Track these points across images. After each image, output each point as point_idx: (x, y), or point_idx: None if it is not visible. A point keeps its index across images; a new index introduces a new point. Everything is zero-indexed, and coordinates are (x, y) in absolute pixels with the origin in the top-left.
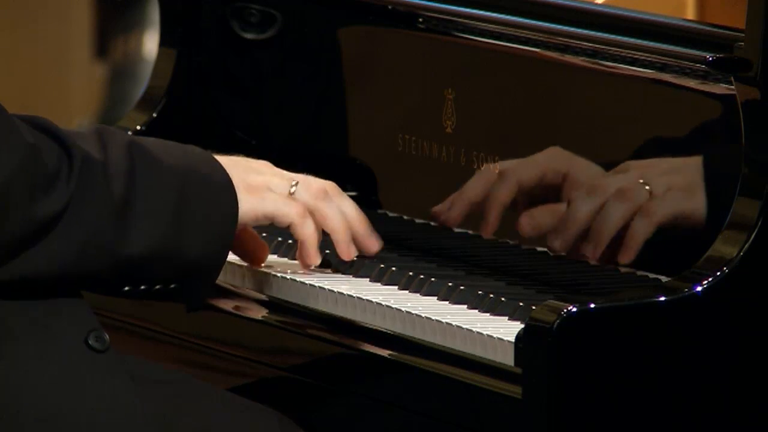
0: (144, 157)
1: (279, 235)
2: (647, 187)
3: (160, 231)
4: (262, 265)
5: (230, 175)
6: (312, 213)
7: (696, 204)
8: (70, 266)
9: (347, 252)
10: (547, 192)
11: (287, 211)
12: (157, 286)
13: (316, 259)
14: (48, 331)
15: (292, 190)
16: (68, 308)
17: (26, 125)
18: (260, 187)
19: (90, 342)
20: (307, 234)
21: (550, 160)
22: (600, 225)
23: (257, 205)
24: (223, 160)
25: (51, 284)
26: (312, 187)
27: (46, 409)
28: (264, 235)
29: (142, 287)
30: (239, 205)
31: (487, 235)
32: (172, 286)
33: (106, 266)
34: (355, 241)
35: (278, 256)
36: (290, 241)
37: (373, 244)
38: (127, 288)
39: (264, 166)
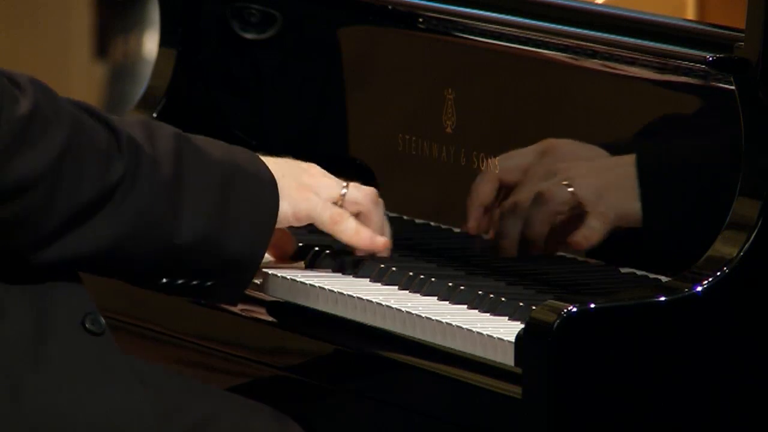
0: (190, 146)
1: None
2: (647, 187)
3: (205, 218)
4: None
5: (282, 174)
6: (361, 213)
7: (696, 204)
8: (121, 244)
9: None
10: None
11: (323, 218)
12: (195, 282)
13: (375, 240)
14: (43, 313)
15: (343, 192)
16: (64, 291)
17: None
18: (309, 188)
19: (87, 325)
20: (347, 236)
21: (546, 157)
22: (604, 222)
23: (300, 205)
24: (271, 160)
25: (97, 264)
26: (363, 189)
27: (45, 390)
28: None
29: (180, 281)
30: (286, 203)
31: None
32: (209, 283)
33: (153, 250)
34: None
35: None
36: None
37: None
38: (165, 280)
39: (313, 167)
